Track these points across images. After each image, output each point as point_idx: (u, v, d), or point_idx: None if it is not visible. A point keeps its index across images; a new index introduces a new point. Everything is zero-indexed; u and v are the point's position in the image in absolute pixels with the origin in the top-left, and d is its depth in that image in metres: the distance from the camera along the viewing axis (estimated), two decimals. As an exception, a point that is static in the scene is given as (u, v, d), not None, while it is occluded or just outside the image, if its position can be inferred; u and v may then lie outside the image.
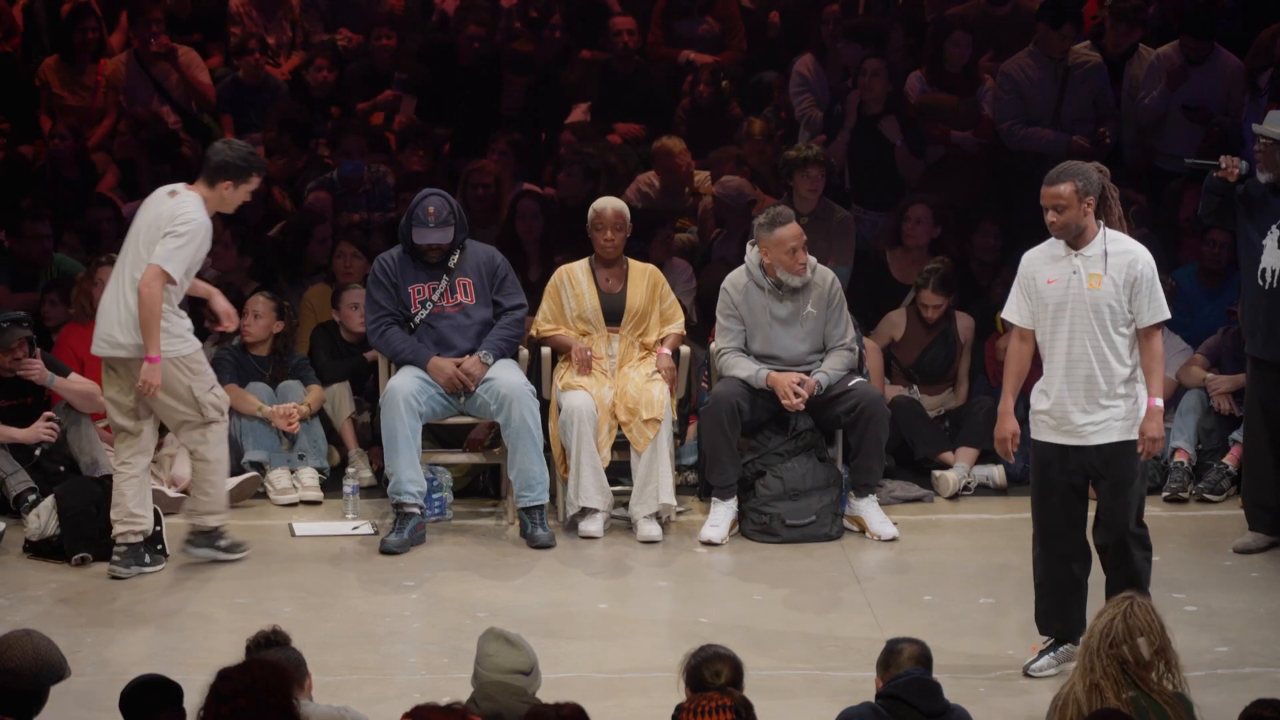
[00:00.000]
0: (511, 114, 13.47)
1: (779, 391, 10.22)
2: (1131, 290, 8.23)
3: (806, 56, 13.34)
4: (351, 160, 12.62)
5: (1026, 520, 10.77)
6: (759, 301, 10.35)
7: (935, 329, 11.36)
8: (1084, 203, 8.25)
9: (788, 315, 10.36)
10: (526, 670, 6.59)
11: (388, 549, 10.04)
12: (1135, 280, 8.23)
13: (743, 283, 10.38)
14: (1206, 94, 12.48)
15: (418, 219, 10.28)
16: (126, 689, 6.19)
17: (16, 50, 14.02)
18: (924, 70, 13.25)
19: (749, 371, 10.29)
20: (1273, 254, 9.80)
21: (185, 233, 9.40)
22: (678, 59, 13.92)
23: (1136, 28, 12.92)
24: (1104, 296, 8.23)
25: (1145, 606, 6.49)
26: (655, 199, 12.60)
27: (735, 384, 10.28)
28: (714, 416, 10.28)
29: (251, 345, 11.12)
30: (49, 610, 9.12)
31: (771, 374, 10.25)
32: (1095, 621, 6.52)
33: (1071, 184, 8.26)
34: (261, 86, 13.70)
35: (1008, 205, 12.66)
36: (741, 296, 10.37)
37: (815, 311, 10.37)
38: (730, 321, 10.39)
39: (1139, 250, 8.30)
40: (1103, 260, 8.24)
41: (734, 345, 10.37)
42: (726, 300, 10.40)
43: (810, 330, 10.39)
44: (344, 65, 13.80)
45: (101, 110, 13.57)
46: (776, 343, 10.37)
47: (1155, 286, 8.25)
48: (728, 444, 10.25)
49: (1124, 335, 8.26)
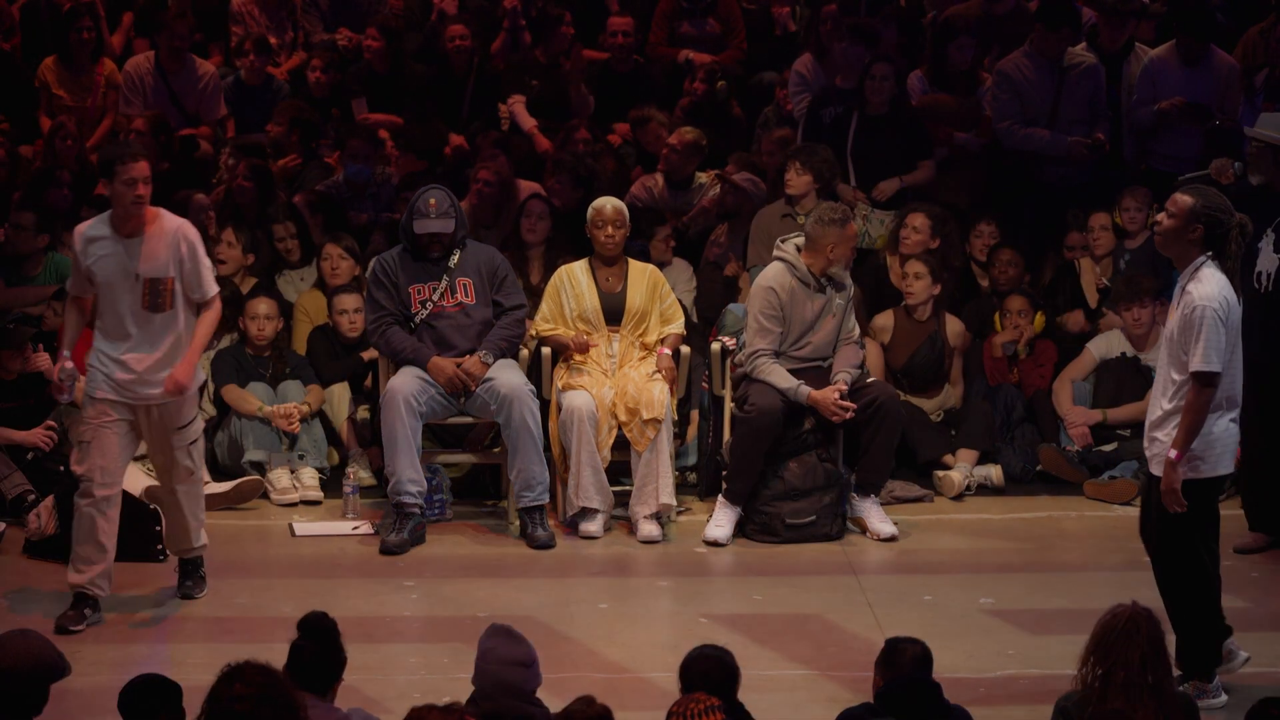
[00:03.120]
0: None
1: (824, 411, 10.19)
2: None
3: (805, 56, 13.34)
4: (356, 163, 12.61)
5: (1027, 520, 10.79)
6: (803, 299, 10.36)
7: (924, 330, 11.35)
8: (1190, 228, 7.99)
9: (820, 310, 10.39)
10: (527, 664, 6.58)
11: (388, 549, 10.05)
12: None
13: (788, 283, 10.35)
14: (1202, 95, 12.48)
15: (419, 211, 10.30)
16: (125, 689, 6.19)
17: (17, 50, 14.02)
18: (924, 70, 13.25)
19: (788, 384, 10.24)
20: (1268, 257, 9.80)
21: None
22: (677, 59, 13.93)
23: (1129, 22, 12.91)
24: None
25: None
26: (655, 198, 12.60)
27: (775, 397, 10.23)
28: (753, 428, 10.21)
29: (255, 346, 11.13)
30: (49, 610, 9.11)
31: (812, 393, 10.20)
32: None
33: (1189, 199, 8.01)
34: (263, 87, 13.71)
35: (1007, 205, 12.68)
36: (788, 297, 10.33)
37: (842, 303, 10.41)
38: (771, 323, 10.31)
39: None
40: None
41: (771, 348, 10.32)
42: (773, 301, 10.30)
43: (835, 325, 10.41)
44: (344, 66, 13.80)
45: (101, 110, 13.58)
46: (810, 339, 10.38)
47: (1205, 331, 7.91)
48: (759, 457, 10.22)
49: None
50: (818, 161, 11.61)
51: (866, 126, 12.42)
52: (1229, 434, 8.10)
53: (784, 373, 10.27)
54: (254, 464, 10.87)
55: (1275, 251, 9.74)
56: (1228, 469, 8.16)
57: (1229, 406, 8.07)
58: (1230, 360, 7.99)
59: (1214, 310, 7.87)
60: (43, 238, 11.69)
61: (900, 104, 12.53)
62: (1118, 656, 6.36)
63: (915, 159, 12.47)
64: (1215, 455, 8.03)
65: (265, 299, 11.24)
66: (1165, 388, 8.05)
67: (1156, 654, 6.41)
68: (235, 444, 10.92)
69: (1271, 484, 10.03)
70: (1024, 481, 11.25)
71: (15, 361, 10.46)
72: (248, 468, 10.86)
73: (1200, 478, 8.00)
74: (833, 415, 10.19)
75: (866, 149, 12.39)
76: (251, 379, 11.05)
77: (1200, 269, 7.97)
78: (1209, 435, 7.99)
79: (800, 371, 10.31)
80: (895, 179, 12.31)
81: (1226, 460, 8.11)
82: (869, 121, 12.43)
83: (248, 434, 10.89)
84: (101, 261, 8.93)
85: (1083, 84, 12.60)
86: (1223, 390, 7.98)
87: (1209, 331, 7.86)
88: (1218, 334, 7.87)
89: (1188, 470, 7.97)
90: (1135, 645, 6.37)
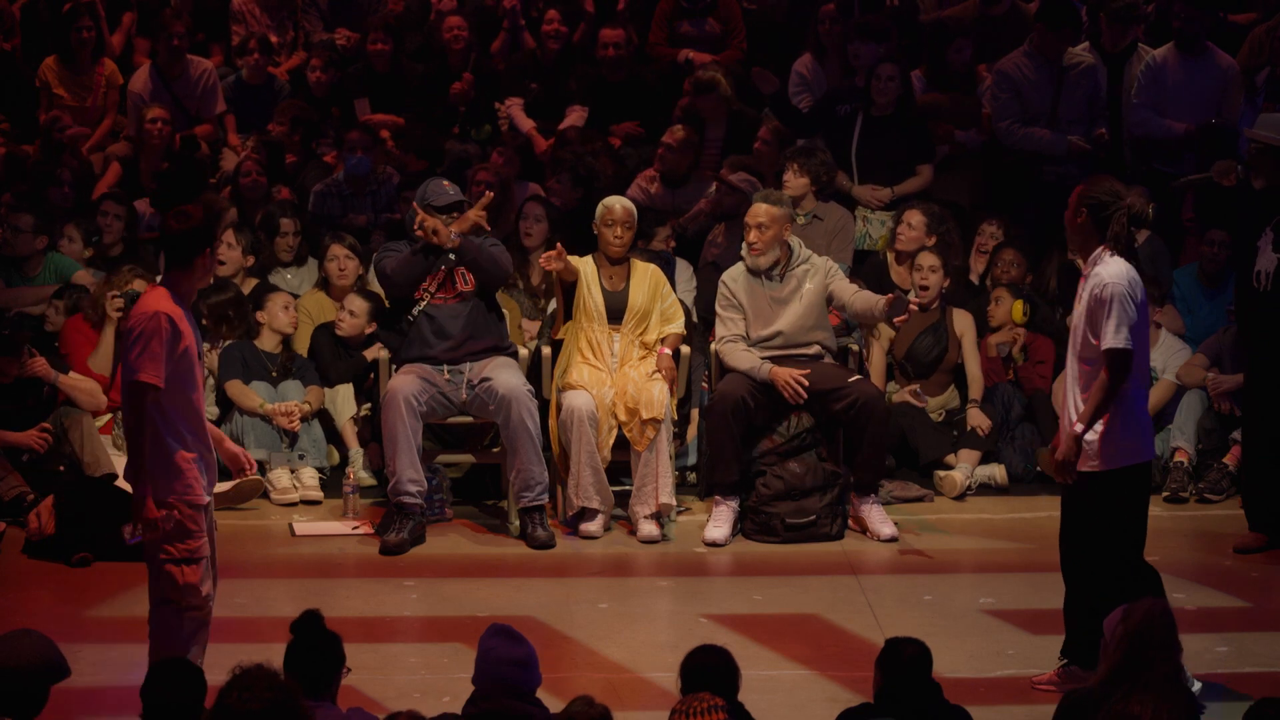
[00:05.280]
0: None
1: (779, 384, 10.23)
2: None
3: (805, 56, 13.34)
4: (355, 155, 12.59)
5: (1027, 520, 10.79)
6: (755, 288, 10.42)
7: (927, 319, 11.35)
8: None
9: (783, 298, 10.39)
10: (527, 664, 6.58)
11: (388, 549, 10.05)
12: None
13: (739, 274, 10.47)
14: (1202, 95, 12.48)
15: (433, 192, 10.36)
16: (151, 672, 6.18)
17: (17, 50, 14.02)
18: (924, 70, 13.25)
19: (750, 364, 10.30)
20: (1267, 256, 9.80)
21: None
22: (677, 59, 13.92)
23: (1132, 27, 12.92)
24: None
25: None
26: (655, 198, 12.60)
27: (740, 380, 10.29)
28: (719, 413, 10.29)
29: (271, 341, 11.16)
30: (49, 610, 9.11)
31: (774, 369, 10.27)
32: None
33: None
34: (264, 86, 13.71)
35: (1007, 204, 12.68)
36: (741, 287, 10.43)
37: (814, 287, 10.40)
38: (728, 310, 10.45)
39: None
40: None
41: (733, 334, 10.42)
42: (724, 292, 10.48)
43: (808, 310, 10.41)
44: (344, 66, 13.79)
45: (101, 110, 13.57)
46: (776, 327, 10.41)
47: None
48: (732, 440, 10.26)
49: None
50: (815, 164, 11.62)
51: (872, 127, 12.43)
52: (1147, 421, 8.07)
53: (747, 354, 10.35)
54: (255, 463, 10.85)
55: (1274, 250, 9.74)
56: (1149, 456, 8.11)
57: (1142, 392, 8.01)
58: (1141, 349, 7.94)
59: (1123, 289, 7.84)
60: (41, 239, 11.69)
61: (906, 105, 12.53)
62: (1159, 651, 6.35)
63: (917, 161, 12.47)
64: (1136, 441, 7.98)
65: (282, 294, 11.27)
66: (1079, 379, 7.98)
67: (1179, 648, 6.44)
68: (236, 442, 10.88)
69: (1271, 484, 10.03)
70: (1025, 481, 11.26)
71: (13, 367, 10.47)
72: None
73: (1120, 466, 7.95)
74: (785, 390, 10.21)
75: (871, 149, 12.40)
76: (256, 377, 11.06)
77: (1100, 255, 7.94)
78: (1133, 420, 7.93)
79: (780, 361, 10.33)
80: (888, 189, 12.31)
81: (1148, 446, 8.07)
82: (874, 122, 12.43)
83: (249, 433, 10.88)
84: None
85: (1081, 84, 12.61)
86: (1138, 378, 7.94)
87: (1118, 309, 7.83)
88: (1126, 312, 7.83)
89: (1109, 460, 7.91)
90: (1175, 637, 6.39)
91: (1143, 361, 7.99)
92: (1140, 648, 6.34)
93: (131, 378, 7.36)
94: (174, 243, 7.56)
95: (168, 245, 7.69)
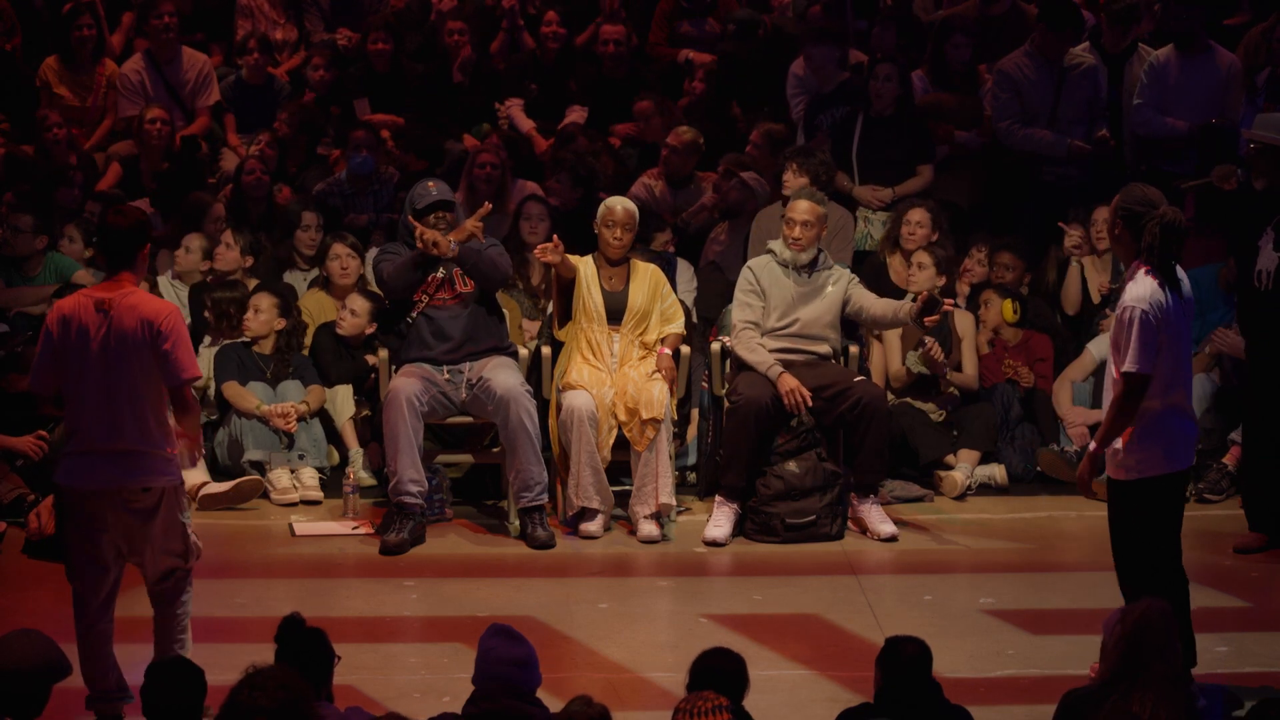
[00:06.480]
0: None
1: (783, 390, 10.23)
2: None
3: (800, 59, 13.33)
4: (360, 154, 12.59)
5: (1027, 520, 10.79)
6: (782, 278, 10.48)
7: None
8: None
9: (807, 293, 10.47)
10: (527, 664, 6.59)
11: (388, 549, 10.05)
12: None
13: (765, 263, 10.54)
14: (1203, 94, 12.48)
15: (419, 195, 10.34)
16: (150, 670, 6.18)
17: (17, 50, 14.02)
18: (925, 70, 13.25)
19: (762, 360, 10.34)
20: (1268, 255, 9.80)
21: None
22: (677, 59, 13.93)
23: (1133, 27, 12.92)
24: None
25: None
26: (659, 197, 12.61)
27: (764, 384, 10.29)
28: (742, 417, 10.26)
29: (254, 342, 11.13)
30: (49, 610, 9.11)
31: (783, 374, 10.27)
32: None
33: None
34: (264, 86, 13.71)
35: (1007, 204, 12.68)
36: (766, 276, 10.49)
37: (836, 290, 10.48)
38: (750, 297, 10.50)
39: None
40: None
41: (752, 322, 10.47)
42: (749, 278, 10.52)
43: (828, 308, 10.48)
44: (344, 65, 13.80)
45: (102, 110, 13.58)
46: (796, 315, 10.48)
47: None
48: (750, 445, 10.26)
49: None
50: (814, 164, 11.61)
51: (871, 128, 12.43)
52: (1180, 432, 7.98)
53: (762, 349, 10.36)
54: (254, 464, 10.87)
55: (1275, 250, 9.74)
56: (1179, 466, 8.04)
57: (1174, 405, 7.92)
58: (1173, 362, 7.88)
59: (1142, 311, 7.78)
60: (41, 239, 11.68)
61: (905, 105, 12.53)
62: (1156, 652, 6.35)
63: (917, 161, 12.47)
64: (1161, 452, 7.92)
65: (266, 294, 11.24)
66: (1113, 389, 7.97)
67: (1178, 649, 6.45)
68: (235, 443, 10.92)
69: (1271, 484, 10.03)
70: (1025, 481, 11.26)
71: (23, 382, 10.44)
72: (247, 467, 10.86)
73: (1148, 476, 7.92)
74: (786, 399, 10.24)
75: (871, 150, 12.40)
76: (252, 377, 11.05)
77: (1135, 273, 7.91)
78: (1158, 431, 7.89)
79: (790, 361, 10.34)
80: (889, 189, 12.31)
81: (1178, 456, 8.00)
82: (874, 123, 12.43)
83: (247, 433, 10.89)
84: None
85: (1082, 84, 12.60)
86: (1165, 392, 7.87)
87: (1138, 333, 7.78)
88: (1144, 335, 7.77)
89: (1134, 470, 7.88)
90: (1173, 639, 6.39)
91: (1179, 371, 7.93)
92: (1137, 648, 6.35)
93: (185, 375, 7.55)
94: (117, 239, 7.65)
95: (110, 242, 7.73)
